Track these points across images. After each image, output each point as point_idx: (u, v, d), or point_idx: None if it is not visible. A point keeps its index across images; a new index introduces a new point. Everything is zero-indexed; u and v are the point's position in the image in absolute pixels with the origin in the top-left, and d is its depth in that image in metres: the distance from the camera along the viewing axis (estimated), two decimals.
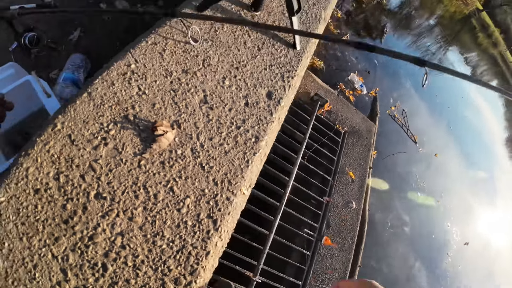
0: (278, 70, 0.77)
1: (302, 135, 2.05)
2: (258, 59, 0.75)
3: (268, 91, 0.71)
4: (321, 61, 2.71)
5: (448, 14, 15.63)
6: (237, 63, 0.71)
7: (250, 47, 0.75)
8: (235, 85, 0.68)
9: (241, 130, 0.63)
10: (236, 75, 0.69)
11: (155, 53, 0.63)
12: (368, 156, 2.42)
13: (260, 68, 0.74)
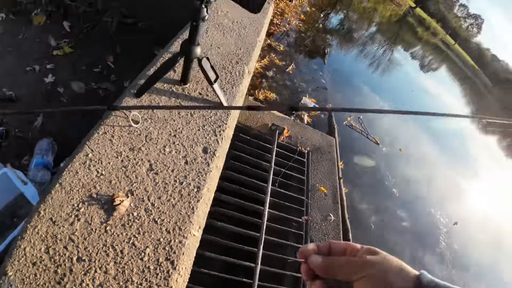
0: (210, 127, 0.96)
1: (268, 164, 2.23)
2: (192, 123, 0.94)
3: (204, 147, 0.90)
4: (272, 93, 3.00)
5: (385, 19, 17.26)
6: (174, 132, 0.90)
7: (184, 115, 0.94)
8: (175, 149, 0.86)
9: (184, 185, 0.80)
10: (175, 141, 0.88)
11: (106, 140, 0.81)
12: (335, 168, 2.62)
13: (195, 130, 0.93)
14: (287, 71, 3.52)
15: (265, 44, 3.66)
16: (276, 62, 3.52)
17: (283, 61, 3.62)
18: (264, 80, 3.13)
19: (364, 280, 0.31)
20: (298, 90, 3.38)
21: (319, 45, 4.93)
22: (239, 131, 2.30)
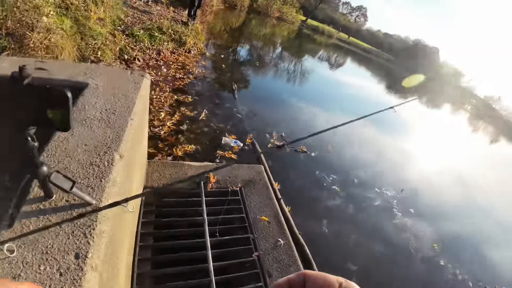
0: (80, 231, 0.95)
1: (202, 218, 2.22)
2: (61, 234, 0.93)
3: (76, 253, 0.89)
4: (191, 145, 3.05)
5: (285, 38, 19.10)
6: (46, 249, 0.88)
7: (53, 229, 0.93)
8: (49, 265, 0.84)
9: None
10: (47, 258, 0.86)
11: None
12: (271, 193, 2.71)
13: (65, 240, 0.91)
14: (201, 119, 3.64)
15: (173, 101, 3.77)
16: (188, 114, 3.63)
17: (194, 111, 3.75)
18: (180, 135, 3.19)
19: None
20: (217, 132, 3.50)
21: (226, 84, 5.23)
22: (162, 197, 2.28)
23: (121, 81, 1.96)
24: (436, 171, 6.33)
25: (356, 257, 2.79)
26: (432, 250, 3.44)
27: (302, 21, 34.54)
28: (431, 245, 3.49)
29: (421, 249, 3.34)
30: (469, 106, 36.61)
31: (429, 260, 3.27)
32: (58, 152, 1.22)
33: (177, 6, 8.88)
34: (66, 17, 3.97)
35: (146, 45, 4.92)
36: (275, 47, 13.80)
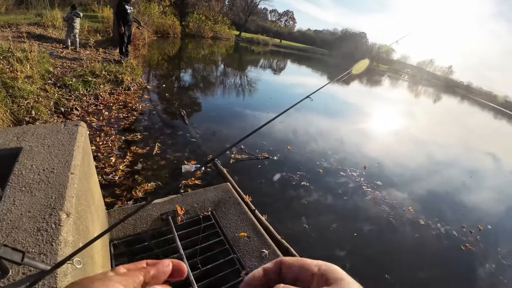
0: None
1: (179, 253, 2.11)
2: None
3: None
4: (150, 183, 2.92)
5: (224, 54, 19.46)
6: None
7: None
8: None
9: None
10: None
11: None
12: (243, 207, 2.67)
13: None
14: (155, 153, 3.51)
15: (121, 143, 3.60)
16: (140, 152, 3.48)
17: (146, 147, 3.61)
18: (137, 175, 3.04)
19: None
20: (175, 163, 3.40)
21: (174, 112, 5.15)
22: (131, 245, 2.13)
23: (55, 136, 1.83)
24: (391, 141, 6.83)
25: (342, 242, 2.86)
26: (409, 213, 3.65)
27: (236, 36, 35.59)
28: (407, 209, 3.71)
29: (399, 216, 3.53)
30: (406, 75, 40.36)
31: (410, 223, 3.46)
32: (4, 225, 1.10)
33: (107, 47, 8.62)
34: None
35: (81, 93, 4.67)
36: (217, 65, 13.98)
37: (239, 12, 44.89)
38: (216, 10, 35.07)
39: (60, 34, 8.62)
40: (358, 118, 8.48)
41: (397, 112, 11.31)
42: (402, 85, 28.42)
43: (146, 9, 16.69)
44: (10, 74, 4.09)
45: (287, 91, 10.67)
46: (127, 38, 7.08)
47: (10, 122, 3.43)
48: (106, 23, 11.33)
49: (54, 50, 6.85)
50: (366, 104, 11.17)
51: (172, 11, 23.59)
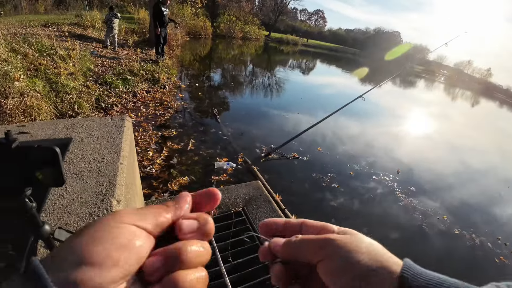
0: None
1: (211, 246, 2.18)
2: None
3: None
4: (185, 177, 3.04)
5: (254, 55, 19.62)
6: None
7: None
8: None
9: None
10: None
11: None
12: (273, 205, 2.70)
13: None
14: (189, 149, 3.64)
15: (158, 138, 3.78)
16: (175, 147, 3.63)
17: (181, 143, 3.76)
18: (172, 169, 3.17)
19: (324, 263, 0.27)
20: (208, 159, 3.50)
21: (206, 110, 5.30)
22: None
23: (103, 128, 1.97)
24: (426, 145, 6.49)
25: None
26: (443, 222, 3.46)
27: (266, 36, 35.71)
28: (441, 218, 3.53)
29: (432, 224, 3.37)
30: (442, 77, 38.11)
31: (443, 232, 3.29)
32: (56, 209, 1.20)
33: (143, 47, 9.05)
34: (38, 78, 3.99)
35: (120, 90, 4.96)
36: (246, 65, 14.14)
37: (269, 12, 45.01)
38: (246, 11, 35.48)
39: (99, 34, 9.17)
40: (391, 120, 8.16)
41: (432, 115, 10.71)
42: (438, 87, 26.87)
43: (179, 10, 17.29)
44: (53, 70, 4.42)
45: (317, 91, 10.54)
46: (163, 39, 7.39)
47: (54, 115, 3.69)
48: (142, 25, 11.88)
49: (94, 49, 7.31)
50: (399, 106, 10.71)
51: (204, 12, 24.24)
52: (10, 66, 3.62)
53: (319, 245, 0.28)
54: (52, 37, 5.46)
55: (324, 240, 0.28)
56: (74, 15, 11.39)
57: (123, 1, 23.35)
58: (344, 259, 0.26)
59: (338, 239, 0.27)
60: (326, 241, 0.28)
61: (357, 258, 0.26)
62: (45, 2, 14.68)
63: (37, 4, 14.29)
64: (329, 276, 0.26)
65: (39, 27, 7.55)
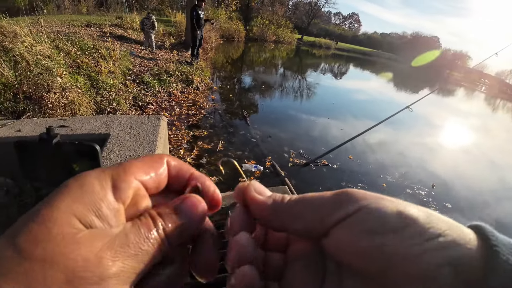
0: None
1: None
2: None
3: None
4: (213, 177, 3.07)
5: (285, 58, 19.58)
6: None
7: None
8: None
9: None
10: None
11: None
12: None
13: None
14: (218, 150, 3.69)
15: (189, 137, 3.87)
16: (205, 147, 3.70)
17: (211, 143, 3.82)
18: (201, 168, 3.22)
19: (343, 227, 0.19)
20: (236, 160, 3.51)
21: (237, 112, 5.35)
22: None
23: (140, 126, 2.04)
24: (463, 159, 6.02)
25: None
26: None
27: (298, 39, 35.53)
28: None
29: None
30: (483, 86, 35.36)
31: None
32: None
33: (179, 49, 9.39)
34: (79, 75, 4.26)
35: (157, 90, 5.17)
36: (277, 69, 14.14)
37: (302, 16, 44.78)
38: (279, 14, 35.58)
39: (138, 36, 9.64)
40: (427, 130, 7.68)
41: (470, 127, 9.93)
42: (478, 96, 24.92)
43: (214, 14, 17.75)
44: (95, 68, 4.70)
45: (349, 96, 10.24)
46: (199, 41, 7.60)
47: (93, 110, 3.90)
48: (178, 27, 12.34)
49: (133, 50, 7.70)
50: (436, 116, 10.06)
51: (238, 16, 24.67)
52: (53, 63, 3.85)
53: (334, 202, 0.20)
54: (94, 37, 5.79)
55: (341, 193, 0.20)
56: (115, 16, 12.04)
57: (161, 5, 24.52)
58: (387, 211, 0.18)
59: (360, 191, 0.20)
60: (345, 193, 0.20)
61: (407, 209, 0.18)
62: (88, 3, 15.76)
63: (79, 4, 15.37)
64: (360, 242, 0.18)
65: (81, 27, 8.04)
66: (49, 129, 0.98)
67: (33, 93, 3.34)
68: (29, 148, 1.09)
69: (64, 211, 0.17)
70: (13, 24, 4.25)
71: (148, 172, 0.21)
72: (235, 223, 0.23)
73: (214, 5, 22.58)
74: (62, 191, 0.18)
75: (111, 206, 0.19)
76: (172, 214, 0.21)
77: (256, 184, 0.24)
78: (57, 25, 7.89)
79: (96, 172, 0.20)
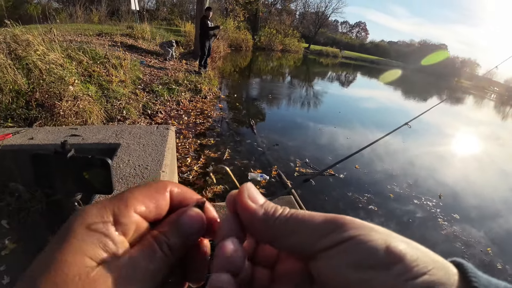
0: None
1: None
2: None
3: None
4: (219, 186, 3.10)
5: (292, 67, 19.69)
6: None
7: None
8: None
9: None
10: None
11: None
12: None
13: None
14: (225, 158, 3.72)
15: (197, 146, 3.92)
16: (212, 156, 3.74)
17: (218, 152, 3.86)
18: (208, 177, 3.26)
19: (331, 255, 0.19)
20: (242, 169, 3.54)
21: (244, 121, 5.40)
22: None
23: (149, 136, 2.10)
24: (472, 168, 5.91)
25: None
26: (487, 255, 3.12)
27: (305, 48, 35.75)
28: (484, 250, 3.18)
29: (474, 256, 3.05)
30: (492, 94, 34.74)
31: (485, 265, 2.95)
32: None
33: (188, 58, 9.57)
34: (91, 84, 4.38)
35: (166, 98, 5.27)
36: (284, 77, 14.24)
37: (309, 25, 45.13)
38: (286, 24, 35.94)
39: (148, 46, 9.85)
40: (436, 139, 7.59)
41: (480, 136, 9.76)
42: (488, 104, 24.50)
43: (223, 24, 18.04)
44: (106, 77, 4.81)
45: (356, 104, 10.22)
46: (207, 52, 7.75)
47: (104, 118, 3.98)
48: (187, 37, 12.59)
49: (144, 59, 7.88)
50: (445, 124, 9.93)
51: (246, 26, 25.01)
52: (65, 71, 3.96)
53: (328, 224, 0.20)
54: (105, 47, 5.94)
55: (334, 219, 0.20)
56: (126, 26, 12.31)
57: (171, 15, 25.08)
58: (377, 245, 0.18)
59: (354, 220, 0.20)
60: (337, 220, 0.20)
61: (396, 244, 0.19)
62: (99, 12, 16.20)
63: (91, 14, 15.80)
64: (345, 273, 0.18)
65: (93, 36, 8.25)
66: (64, 143, 1.03)
67: (45, 101, 3.44)
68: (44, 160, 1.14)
69: (77, 253, 0.18)
70: (26, 33, 4.42)
71: (149, 205, 0.22)
72: (224, 228, 0.23)
73: (223, 15, 23.00)
74: (69, 234, 0.19)
75: (115, 240, 0.20)
76: (174, 228, 0.23)
77: (251, 188, 0.24)
78: (70, 34, 8.12)
79: (97, 209, 0.21)
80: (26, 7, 16.77)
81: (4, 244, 2.10)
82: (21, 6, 16.85)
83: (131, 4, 11.20)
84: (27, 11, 15.98)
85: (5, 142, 1.94)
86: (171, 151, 2.02)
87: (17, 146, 1.98)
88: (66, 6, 16.84)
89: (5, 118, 3.13)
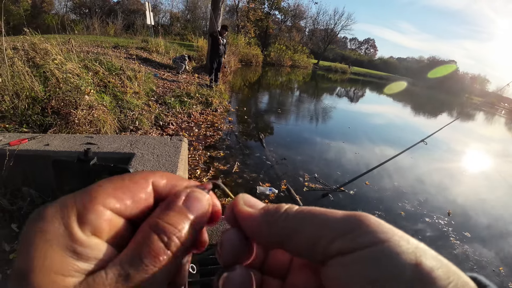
0: None
1: None
2: None
3: None
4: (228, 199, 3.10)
5: (301, 82, 19.90)
6: None
7: None
8: None
9: None
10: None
11: None
12: None
13: None
14: (234, 171, 3.74)
15: (206, 158, 3.96)
16: (221, 168, 3.77)
17: (227, 164, 3.89)
18: (216, 189, 3.26)
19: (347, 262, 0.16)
20: (251, 183, 3.55)
21: (253, 134, 5.45)
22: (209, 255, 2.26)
23: (163, 147, 2.14)
24: (484, 186, 5.76)
25: None
26: (498, 274, 3.01)
27: (314, 64, 36.19)
28: (496, 269, 3.06)
29: (486, 276, 2.88)
30: (503, 110, 34.09)
31: (499, 286, 2.83)
32: None
33: (200, 72, 9.81)
34: (105, 94, 4.51)
35: (177, 110, 5.38)
36: (293, 92, 14.37)
37: (318, 42, 45.84)
38: (296, 40, 36.62)
39: (162, 59, 10.16)
40: (447, 156, 7.46)
41: (491, 152, 9.55)
42: (499, 121, 24.04)
43: (234, 40, 18.50)
44: (120, 88, 4.95)
45: (366, 120, 10.19)
46: (217, 66, 7.95)
47: (117, 128, 4.07)
48: (200, 52, 12.93)
49: (157, 72, 8.11)
50: (456, 141, 9.78)
51: (256, 41, 25.60)
52: (81, 81, 4.08)
53: (345, 221, 0.17)
54: (121, 58, 6.13)
55: (354, 216, 0.17)
56: (141, 40, 12.75)
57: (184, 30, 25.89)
58: (405, 260, 0.15)
59: (379, 221, 0.17)
60: (358, 217, 0.17)
61: (426, 261, 0.15)
62: (115, 26, 16.83)
63: (107, 27, 16.42)
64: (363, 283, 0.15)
65: (109, 48, 8.57)
66: (87, 151, 1.07)
67: (61, 109, 3.54)
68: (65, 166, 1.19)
69: (45, 274, 0.14)
70: (45, 42, 4.59)
71: (122, 198, 0.18)
72: (225, 247, 0.20)
73: (234, 31, 23.63)
74: (28, 250, 0.15)
75: (85, 243, 0.16)
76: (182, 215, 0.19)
77: (246, 196, 0.22)
78: (86, 45, 8.45)
79: (56, 209, 0.17)
80: (44, 17, 17.56)
81: (13, 248, 2.14)
82: (39, 16, 17.67)
83: (147, 19, 11.63)
84: (44, 21, 16.71)
85: (21, 147, 2.00)
86: (184, 163, 2.05)
87: (32, 151, 2.03)
88: (83, 18, 17.57)
89: (20, 123, 3.23)
